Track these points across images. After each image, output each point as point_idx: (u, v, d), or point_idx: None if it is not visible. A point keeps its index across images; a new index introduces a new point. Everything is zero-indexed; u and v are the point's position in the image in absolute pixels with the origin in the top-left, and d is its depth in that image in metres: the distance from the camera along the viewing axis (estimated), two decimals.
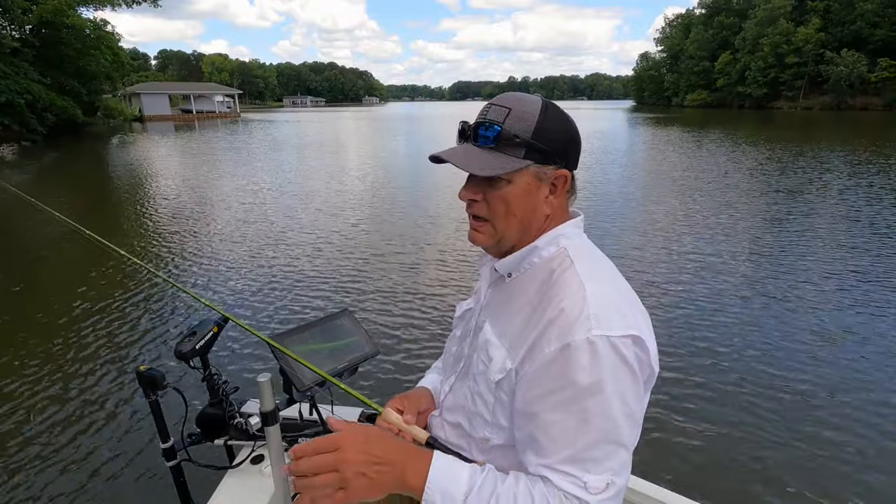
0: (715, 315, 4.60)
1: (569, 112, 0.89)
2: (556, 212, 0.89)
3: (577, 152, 0.89)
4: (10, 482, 2.67)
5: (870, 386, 3.46)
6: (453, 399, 1.00)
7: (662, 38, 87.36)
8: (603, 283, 0.82)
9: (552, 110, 0.85)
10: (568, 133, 0.86)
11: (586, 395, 0.74)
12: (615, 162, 15.57)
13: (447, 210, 8.99)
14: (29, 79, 25.32)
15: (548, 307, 0.80)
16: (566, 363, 0.75)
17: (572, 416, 0.75)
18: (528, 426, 0.81)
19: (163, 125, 42.56)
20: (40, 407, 3.34)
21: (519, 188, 0.84)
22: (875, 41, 52.22)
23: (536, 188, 0.85)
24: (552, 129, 0.83)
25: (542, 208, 0.86)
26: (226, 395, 1.59)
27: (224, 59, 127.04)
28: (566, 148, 0.86)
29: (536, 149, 0.82)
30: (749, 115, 48.08)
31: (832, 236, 7.10)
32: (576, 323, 0.75)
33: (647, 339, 0.78)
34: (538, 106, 0.84)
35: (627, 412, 0.76)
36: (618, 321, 0.76)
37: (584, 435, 0.74)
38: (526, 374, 0.81)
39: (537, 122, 0.82)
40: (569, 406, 0.75)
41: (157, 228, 8.16)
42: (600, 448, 0.75)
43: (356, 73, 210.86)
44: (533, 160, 0.82)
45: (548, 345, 0.77)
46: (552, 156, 0.83)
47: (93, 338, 4.31)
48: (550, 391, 0.77)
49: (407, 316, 4.67)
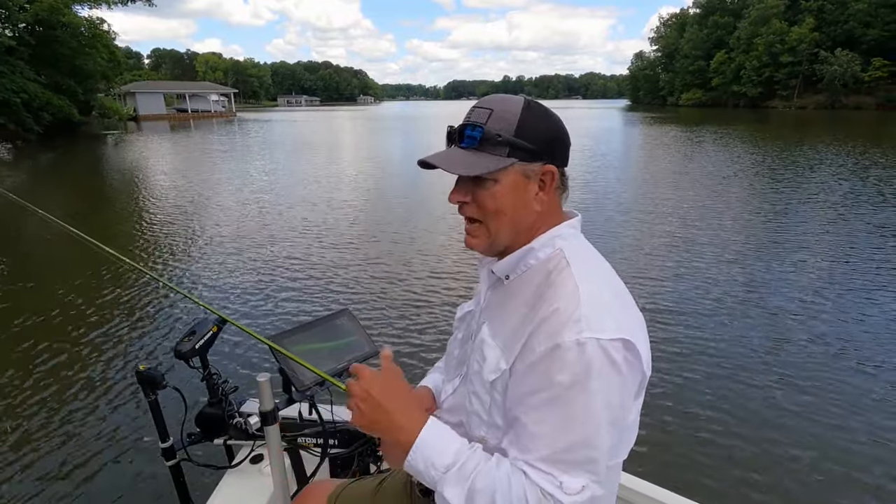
0: (715, 314, 4.63)
1: (563, 111, 0.90)
2: (548, 210, 0.89)
3: (563, 149, 0.88)
4: (10, 482, 2.66)
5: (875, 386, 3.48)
6: (454, 400, 1.00)
7: (657, 37, 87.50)
8: (598, 285, 0.82)
9: (535, 108, 0.85)
10: (552, 130, 0.86)
11: (570, 396, 0.74)
12: (616, 162, 15.61)
13: (446, 210, 8.99)
14: (25, 77, 25.11)
15: (542, 308, 0.81)
16: (553, 363, 0.75)
17: (554, 415, 0.75)
18: (512, 422, 0.82)
19: (157, 124, 42.37)
20: (39, 406, 3.33)
21: (506, 186, 0.84)
22: (868, 41, 52.46)
23: (524, 185, 0.85)
24: (535, 126, 0.84)
25: (532, 205, 0.86)
26: (225, 395, 1.59)
27: (218, 58, 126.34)
28: (551, 144, 0.86)
29: (520, 146, 0.83)
30: (744, 114, 48.26)
31: (841, 240, 7.14)
32: (567, 324, 0.76)
33: (638, 342, 0.78)
34: (520, 105, 0.85)
35: (612, 418, 0.76)
36: (609, 324, 0.76)
37: (564, 436, 0.74)
38: (516, 372, 0.82)
39: (519, 120, 0.83)
40: (552, 405, 0.75)
41: (155, 229, 8.13)
42: (579, 451, 0.74)
43: (351, 73, 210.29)
44: (517, 158, 0.83)
45: (538, 344, 0.78)
46: (537, 153, 0.84)
47: (92, 337, 4.30)
48: (536, 389, 0.77)
49: (407, 316, 4.68)
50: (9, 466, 2.79)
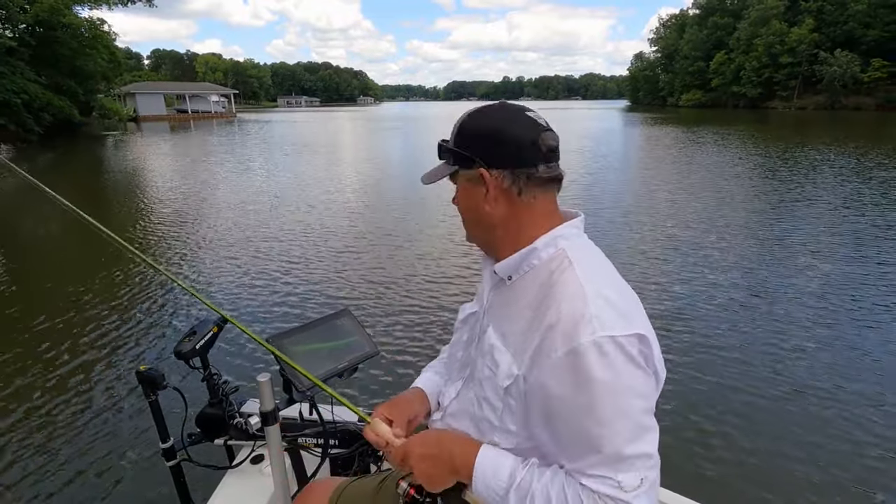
0: (717, 314, 4.63)
1: (562, 112, 0.91)
2: (512, 210, 0.88)
3: (505, 150, 0.85)
4: (9, 482, 2.66)
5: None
6: (458, 405, 1.00)
7: (657, 38, 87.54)
8: (603, 285, 0.81)
9: (476, 115, 0.89)
10: (488, 133, 0.86)
11: (602, 398, 0.74)
12: (617, 163, 15.61)
13: (446, 210, 9.00)
14: (25, 78, 25.08)
15: (548, 310, 0.80)
16: (576, 368, 0.75)
17: (593, 421, 0.75)
18: (553, 434, 0.82)
19: (158, 125, 42.36)
20: (39, 405, 3.33)
21: (461, 191, 0.93)
22: (868, 41, 52.46)
23: (472, 190, 0.89)
24: (470, 133, 0.88)
25: (484, 207, 0.88)
26: (226, 395, 1.59)
27: (218, 59, 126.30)
28: (486, 149, 0.86)
29: (457, 154, 0.89)
30: (744, 115, 48.24)
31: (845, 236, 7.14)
32: (579, 326, 0.75)
33: (650, 337, 0.79)
34: (466, 114, 0.90)
35: (645, 407, 0.77)
36: (620, 321, 0.76)
37: (609, 437, 0.75)
38: (536, 382, 0.81)
39: (458, 129, 0.89)
40: (588, 412, 0.75)
41: (156, 230, 8.13)
42: (627, 447, 0.75)
43: (351, 73, 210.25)
44: (459, 165, 0.89)
45: (554, 350, 0.77)
46: (471, 158, 0.87)
47: (92, 337, 4.30)
48: (566, 398, 0.77)
49: (408, 316, 4.68)
50: (9, 466, 2.79)
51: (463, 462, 0.88)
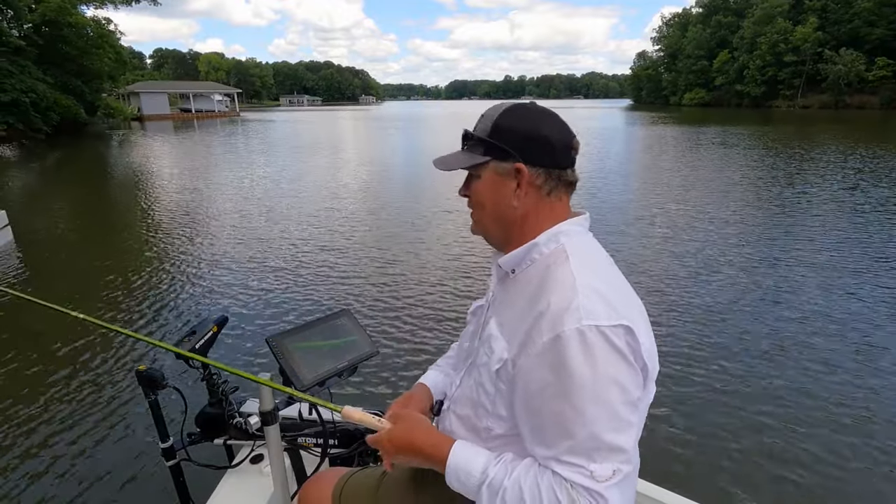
0: (719, 313, 4.62)
1: (565, 111, 0.91)
2: (536, 206, 0.91)
3: (542, 149, 0.89)
4: (8, 481, 2.67)
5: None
6: (461, 392, 1.04)
7: (659, 37, 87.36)
8: (594, 276, 0.83)
9: (515, 111, 0.91)
10: (528, 131, 0.89)
11: (581, 385, 0.75)
12: (619, 164, 15.59)
13: (447, 210, 9.00)
14: (33, 77, 25.20)
15: (540, 299, 0.83)
16: (558, 354, 0.77)
17: (569, 406, 0.76)
18: (530, 419, 0.83)
19: (162, 124, 42.46)
20: (38, 405, 3.33)
21: (485, 182, 0.92)
22: (872, 40, 52.23)
23: (501, 183, 0.90)
24: (511, 127, 0.89)
25: (510, 201, 0.90)
26: (225, 395, 1.60)
27: (220, 58, 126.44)
28: (525, 145, 0.88)
29: (493, 146, 0.89)
30: (748, 114, 48.09)
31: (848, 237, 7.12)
32: (565, 313, 0.77)
33: (639, 331, 0.79)
34: (504, 108, 0.92)
35: (626, 399, 0.77)
36: (608, 311, 0.77)
37: (584, 425, 0.76)
38: (522, 367, 0.83)
39: (495, 122, 0.90)
40: (565, 397, 0.76)
41: (158, 229, 8.15)
42: (602, 437, 0.75)
43: (353, 72, 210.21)
44: (493, 156, 0.90)
45: (539, 336, 0.79)
46: (508, 152, 0.88)
47: (92, 336, 4.30)
48: (547, 383, 0.79)
49: (407, 316, 4.67)
50: (8, 466, 2.79)
51: (437, 460, 0.91)
